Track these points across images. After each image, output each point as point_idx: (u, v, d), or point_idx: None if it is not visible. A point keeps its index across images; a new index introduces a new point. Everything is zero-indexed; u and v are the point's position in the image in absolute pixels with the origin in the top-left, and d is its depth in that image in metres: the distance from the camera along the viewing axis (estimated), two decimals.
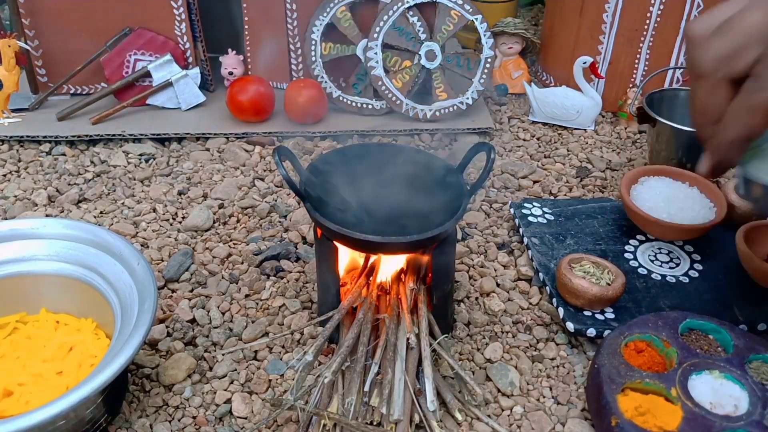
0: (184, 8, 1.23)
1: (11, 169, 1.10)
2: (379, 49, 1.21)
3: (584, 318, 0.74)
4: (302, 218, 0.97)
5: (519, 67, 1.39)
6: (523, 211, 0.94)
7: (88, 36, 1.24)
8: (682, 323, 0.68)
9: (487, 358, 0.73)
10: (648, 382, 0.62)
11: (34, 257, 0.71)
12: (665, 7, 1.19)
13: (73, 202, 1.01)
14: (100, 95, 1.23)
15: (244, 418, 0.66)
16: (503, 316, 0.80)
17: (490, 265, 0.89)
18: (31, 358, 0.66)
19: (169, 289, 0.84)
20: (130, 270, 0.66)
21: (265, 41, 1.28)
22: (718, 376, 0.62)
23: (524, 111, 1.32)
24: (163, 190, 1.05)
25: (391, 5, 1.19)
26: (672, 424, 0.58)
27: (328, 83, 1.24)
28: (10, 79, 1.17)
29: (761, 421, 0.57)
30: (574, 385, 0.70)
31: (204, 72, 1.30)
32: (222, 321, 0.78)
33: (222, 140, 1.19)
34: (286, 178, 0.63)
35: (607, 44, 1.26)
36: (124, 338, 0.59)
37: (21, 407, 0.61)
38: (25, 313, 0.72)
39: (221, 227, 0.97)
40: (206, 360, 0.73)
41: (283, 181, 1.07)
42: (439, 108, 1.23)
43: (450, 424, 0.65)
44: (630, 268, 0.83)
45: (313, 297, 0.82)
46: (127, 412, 0.66)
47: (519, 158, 1.16)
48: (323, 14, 1.21)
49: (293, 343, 0.75)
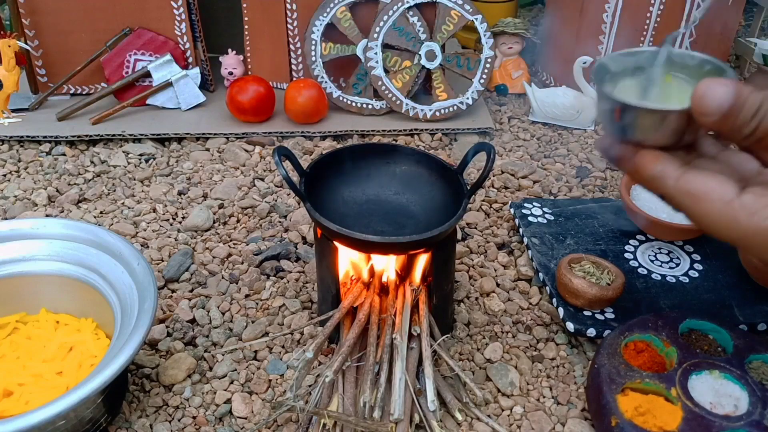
0: (184, 8, 1.23)
1: (11, 169, 1.10)
2: (379, 49, 1.21)
3: (584, 318, 0.74)
4: (302, 218, 0.97)
5: (519, 67, 1.39)
6: (523, 211, 0.94)
7: (88, 36, 1.24)
8: (682, 323, 0.68)
9: (487, 358, 0.73)
10: (648, 382, 0.62)
11: (34, 257, 0.71)
12: (665, 7, 1.19)
13: (73, 202, 1.01)
14: (100, 95, 1.23)
15: (244, 418, 0.66)
16: (503, 316, 0.80)
17: (490, 265, 0.89)
18: (31, 358, 0.66)
19: (169, 289, 0.84)
20: (130, 270, 0.66)
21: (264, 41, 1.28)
22: (718, 376, 0.62)
23: (524, 111, 1.32)
24: (163, 190, 1.05)
25: (391, 5, 1.19)
26: (672, 424, 0.58)
27: (328, 83, 1.24)
28: (10, 79, 1.17)
29: (761, 421, 0.57)
30: (574, 385, 0.70)
31: (204, 72, 1.30)
32: (222, 321, 0.78)
33: (222, 140, 1.19)
34: (286, 178, 0.63)
35: (607, 44, 1.26)
36: (124, 338, 0.59)
37: (21, 407, 0.61)
38: (25, 313, 0.72)
39: (221, 227, 0.97)
40: (206, 360, 0.73)
41: (283, 181, 1.07)
42: (439, 108, 1.23)
43: (450, 424, 0.65)
44: (630, 268, 0.83)
45: (313, 297, 0.82)
46: (127, 412, 0.66)
47: (519, 158, 1.16)
48: (323, 14, 1.21)
49: (293, 343, 0.75)
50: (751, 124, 0.41)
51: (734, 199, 0.42)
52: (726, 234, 0.43)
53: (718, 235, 0.44)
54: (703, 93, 0.41)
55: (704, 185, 0.43)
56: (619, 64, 0.51)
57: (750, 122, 0.41)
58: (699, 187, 0.43)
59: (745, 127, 0.41)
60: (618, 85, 0.52)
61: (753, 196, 0.42)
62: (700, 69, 0.50)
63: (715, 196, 0.43)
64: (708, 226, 0.44)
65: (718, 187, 0.43)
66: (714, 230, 0.44)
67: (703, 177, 0.44)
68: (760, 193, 0.42)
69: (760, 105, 0.40)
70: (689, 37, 1.24)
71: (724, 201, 0.42)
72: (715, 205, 0.43)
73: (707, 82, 0.41)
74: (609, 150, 0.49)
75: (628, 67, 0.52)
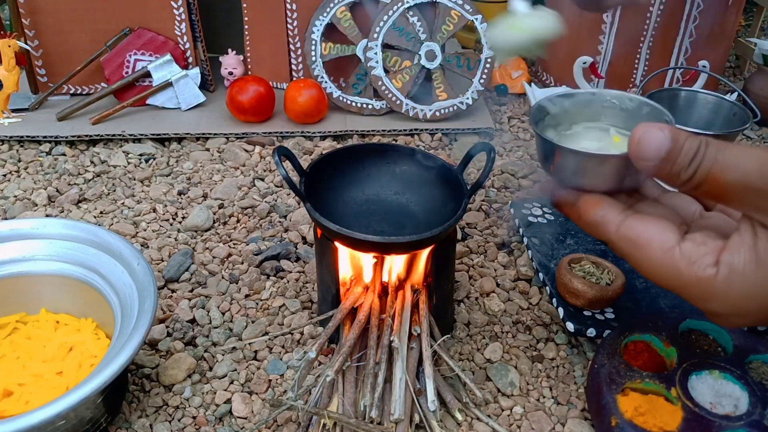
0: (184, 8, 1.23)
1: (11, 169, 1.10)
2: (379, 49, 1.21)
3: (584, 318, 0.74)
4: (302, 218, 0.97)
5: (519, 67, 1.39)
6: (523, 211, 0.94)
7: (88, 36, 1.24)
8: (682, 323, 0.68)
9: (487, 359, 0.73)
10: (648, 382, 0.62)
11: (34, 257, 0.71)
12: (665, 7, 1.19)
13: (73, 202, 1.01)
14: (100, 95, 1.23)
15: (244, 418, 0.66)
16: (503, 316, 0.80)
17: (490, 265, 0.89)
18: (31, 358, 0.66)
19: (169, 289, 0.84)
20: (130, 270, 0.66)
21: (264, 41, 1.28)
22: (718, 376, 0.62)
23: (524, 111, 1.32)
24: (163, 190, 1.05)
25: (391, 5, 1.19)
26: (672, 424, 0.58)
27: (328, 83, 1.24)
28: (10, 79, 1.17)
29: (761, 421, 0.57)
30: (574, 385, 0.70)
31: (204, 72, 1.30)
32: (222, 321, 0.78)
33: (222, 140, 1.19)
34: (286, 178, 0.63)
35: (607, 44, 1.26)
36: (124, 338, 0.59)
37: (21, 407, 0.61)
38: (25, 313, 0.72)
39: (221, 227, 0.97)
40: (206, 360, 0.73)
41: (283, 181, 1.07)
42: (439, 108, 1.23)
43: (450, 424, 0.65)
44: (630, 268, 0.82)
45: (313, 297, 0.82)
46: (127, 412, 0.66)
47: (519, 158, 1.16)
48: (323, 14, 1.21)
49: (293, 343, 0.75)
50: (688, 170, 0.39)
51: (675, 246, 0.41)
52: (666, 283, 0.42)
53: (659, 284, 0.43)
54: (640, 137, 0.40)
55: (645, 232, 0.42)
56: (558, 106, 0.52)
57: (687, 168, 0.39)
58: (640, 234, 0.42)
59: (682, 172, 0.40)
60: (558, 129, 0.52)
61: (692, 244, 0.41)
62: (638, 111, 0.50)
63: (656, 244, 0.42)
64: (649, 274, 0.43)
65: (659, 234, 0.42)
66: (654, 278, 0.43)
67: (644, 223, 0.43)
68: (700, 240, 0.41)
69: (697, 150, 0.39)
70: (689, 37, 1.24)
71: (664, 249, 0.41)
72: (656, 253, 0.42)
73: (644, 127, 0.40)
74: (551, 194, 0.49)
75: (567, 109, 0.52)
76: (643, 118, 0.50)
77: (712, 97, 0.96)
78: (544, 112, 0.51)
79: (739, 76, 1.52)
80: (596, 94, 0.51)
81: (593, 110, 0.52)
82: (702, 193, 0.41)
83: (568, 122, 0.52)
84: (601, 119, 0.52)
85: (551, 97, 0.52)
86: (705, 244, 0.41)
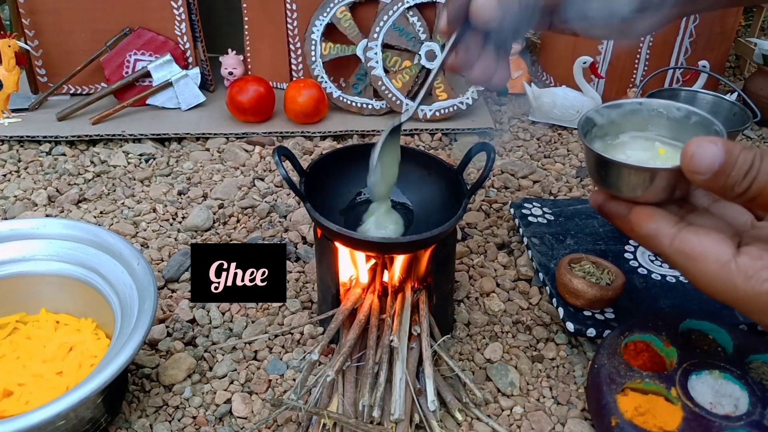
0: (184, 8, 1.23)
1: (11, 169, 1.10)
2: (379, 49, 1.21)
3: (584, 318, 0.74)
4: (302, 218, 0.97)
5: (519, 67, 1.39)
6: (523, 211, 0.94)
7: (88, 36, 1.24)
8: (682, 323, 0.68)
9: (487, 359, 0.73)
10: (648, 382, 0.62)
11: (34, 257, 0.71)
12: None
13: (73, 202, 1.01)
14: (100, 95, 1.23)
15: (244, 418, 0.66)
16: (503, 316, 0.80)
17: (490, 265, 0.89)
18: (31, 359, 0.66)
19: (169, 289, 0.84)
20: (130, 270, 0.66)
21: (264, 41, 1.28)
22: (718, 376, 0.62)
23: (524, 111, 1.32)
24: (163, 190, 1.05)
25: (391, 5, 1.19)
26: (672, 424, 0.58)
27: (328, 83, 1.24)
28: (10, 79, 1.17)
29: (761, 421, 0.57)
30: (574, 385, 0.70)
31: (204, 72, 1.30)
32: (222, 321, 0.78)
33: (222, 140, 1.19)
34: (286, 178, 0.63)
35: (607, 44, 1.26)
36: (124, 338, 0.59)
37: (21, 407, 0.61)
38: (25, 313, 0.72)
39: (221, 227, 0.97)
40: (206, 360, 0.73)
41: (283, 181, 1.07)
42: (439, 108, 1.23)
43: (450, 424, 0.65)
44: (630, 268, 0.83)
45: (313, 297, 0.82)
46: (127, 412, 0.66)
47: (519, 158, 1.16)
48: (323, 14, 1.21)
49: (293, 343, 0.75)
50: (743, 183, 0.39)
51: (730, 260, 0.41)
52: (722, 296, 0.42)
53: (714, 297, 0.43)
54: (693, 152, 0.40)
55: (699, 245, 0.42)
56: (605, 117, 0.52)
57: (742, 181, 0.39)
58: (694, 247, 0.42)
59: (737, 185, 0.40)
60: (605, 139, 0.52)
61: (749, 258, 0.41)
62: (686, 121, 0.50)
63: (711, 257, 0.42)
64: (705, 288, 0.43)
65: (713, 247, 0.42)
66: (710, 292, 0.43)
67: (698, 237, 0.43)
68: (756, 254, 0.41)
69: (752, 164, 0.39)
70: (689, 37, 1.24)
71: (720, 263, 0.41)
72: (712, 267, 0.42)
73: (697, 140, 0.40)
74: (602, 206, 0.49)
75: (613, 119, 0.52)
76: (691, 128, 0.49)
77: (712, 97, 0.96)
78: (591, 123, 0.51)
79: (739, 76, 1.52)
80: (643, 104, 0.52)
81: (640, 120, 0.52)
82: (757, 206, 0.41)
83: (614, 132, 0.52)
84: (648, 129, 0.52)
85: (598, 108, 0.52)
86: (761, 258, 0.41)
